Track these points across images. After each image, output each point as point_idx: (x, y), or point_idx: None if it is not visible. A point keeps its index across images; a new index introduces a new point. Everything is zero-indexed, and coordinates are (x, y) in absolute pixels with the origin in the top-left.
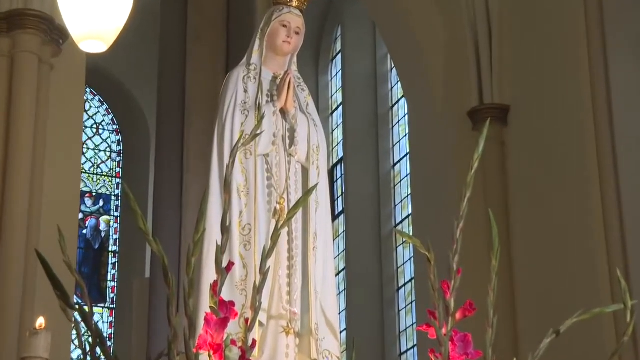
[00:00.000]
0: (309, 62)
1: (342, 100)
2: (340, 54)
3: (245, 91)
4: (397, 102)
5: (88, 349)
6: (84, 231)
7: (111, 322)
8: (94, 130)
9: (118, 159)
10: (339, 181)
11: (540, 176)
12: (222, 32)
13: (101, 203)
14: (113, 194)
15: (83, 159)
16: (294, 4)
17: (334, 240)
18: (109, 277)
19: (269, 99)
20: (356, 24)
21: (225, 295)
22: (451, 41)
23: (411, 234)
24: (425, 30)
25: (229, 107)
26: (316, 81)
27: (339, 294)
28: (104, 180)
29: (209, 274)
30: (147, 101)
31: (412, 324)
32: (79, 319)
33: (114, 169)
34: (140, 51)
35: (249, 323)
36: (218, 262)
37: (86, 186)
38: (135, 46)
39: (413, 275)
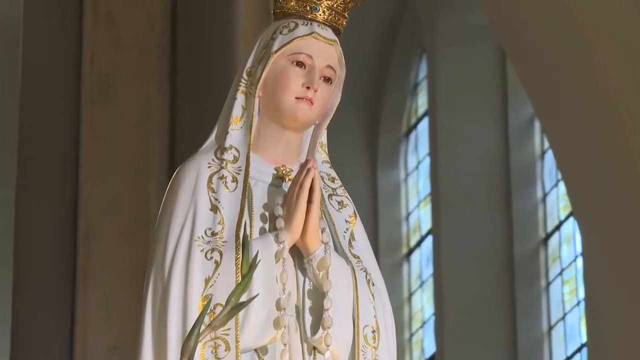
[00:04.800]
0: (357, 143)
1: (433, 225)
2: (425, 120)
3: (215, 208)
4: (558, 228)
5: None
6: None
7: None
8: None
9: None
10: None
11: None
12: (160, 76)
13: None
14: None
15: None
16: (322, 15)
17: None
18: None
19: (266, 225)
20: (459, 51)
21: None
22: None
23: None
24: (625, 76)
25: (179, 243)
26: (373, 184)
27: None
28: None
29: None
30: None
31: None
32: None
33: None
34: None
35: None
36: None
37: None
38: None
39: None
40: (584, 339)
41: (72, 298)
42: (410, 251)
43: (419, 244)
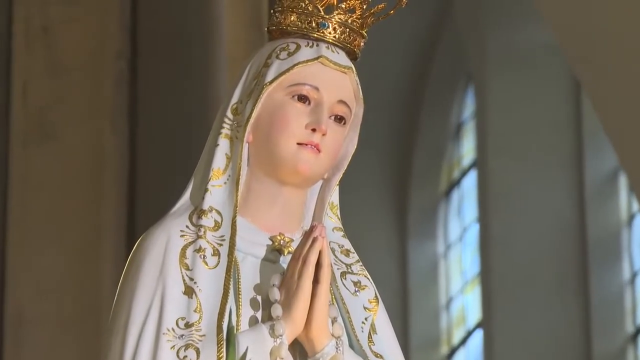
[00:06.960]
0: (381, 204)
1: (483, 316)
2: (471, 173)
3: (190, 291)
4: None
5: None
6: None
7: None
8: None
9: None
10: None
11: None
12: (116, 112)
13: None
14: None
15: None
16: (332, 33)
17: None
18: None
19: (258, 313)
20: (517, 80)
21: None
22: None
23: None
24: None
25: (142, 337)
26: (402, 259)
27: None
28: None
29: None
30: None
31: None
32: None
33: None
34: None
35: None
36: None
37: None
38: None
39: None
40: None
41: None
42: (453, 350)
43: (464, 341)
